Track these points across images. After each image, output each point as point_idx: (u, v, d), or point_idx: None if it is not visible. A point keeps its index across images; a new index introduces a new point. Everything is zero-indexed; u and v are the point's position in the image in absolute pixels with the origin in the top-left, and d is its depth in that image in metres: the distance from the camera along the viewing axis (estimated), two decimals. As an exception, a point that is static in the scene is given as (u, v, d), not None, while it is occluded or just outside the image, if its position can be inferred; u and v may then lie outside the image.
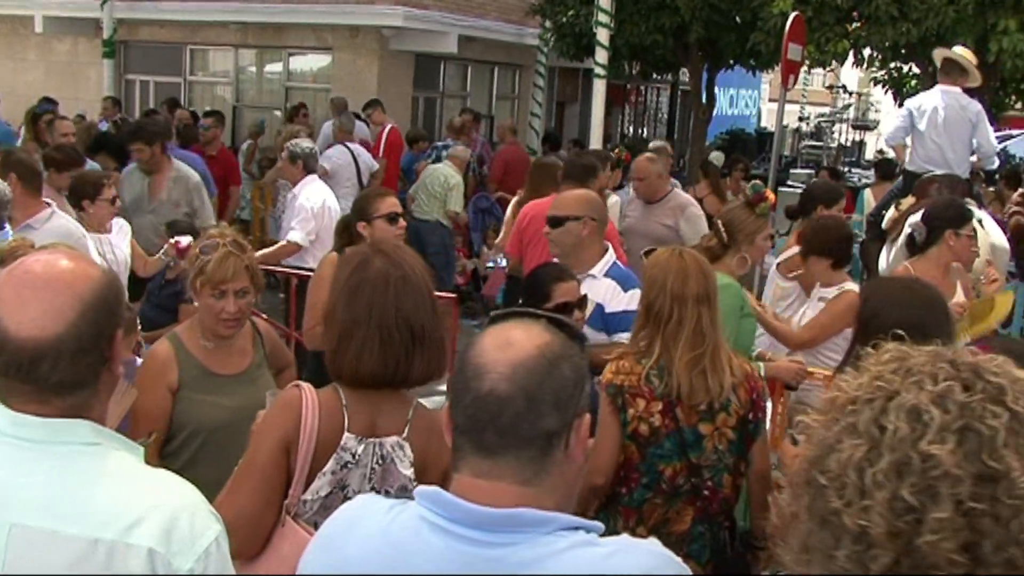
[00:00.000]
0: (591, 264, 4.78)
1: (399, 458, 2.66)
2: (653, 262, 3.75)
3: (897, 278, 3.58)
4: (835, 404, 1.46)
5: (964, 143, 8.43)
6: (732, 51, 16.26)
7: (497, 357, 1.67)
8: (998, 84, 14.06)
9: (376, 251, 2.82)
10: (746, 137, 22.77)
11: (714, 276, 3.78)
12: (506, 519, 1.62)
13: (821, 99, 34.48)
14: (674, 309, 3.57)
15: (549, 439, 1.65)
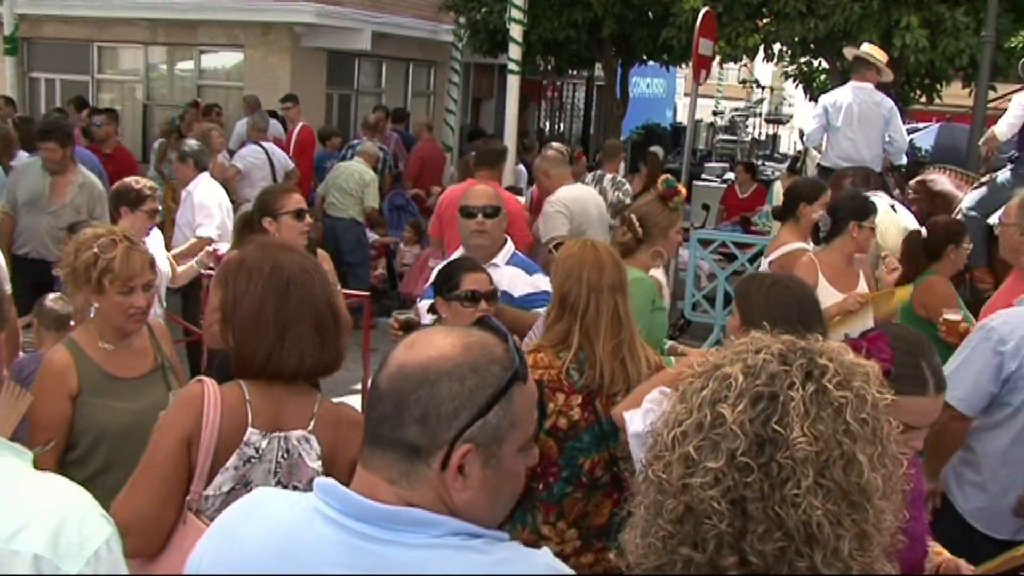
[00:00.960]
0: (495, 254, 4.82)
1: (305, 452, 2.63)
2: (566, 254, 3.76)
3: (768, 275, 3.65)
4: (682, 391, 1.59)
5: (878, 138, 8.58)
6: (645, 46, 16.40)
7: (399, 354, 1.66)
8: (903, 79, 14.36)
9: (275, 248, 2.81)
10: (661, 131, 22.98)
11: (625, 267, 3.82)
12: (394, 516, 1.60)
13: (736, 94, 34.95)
14: (591, 299, 3.59)
15: (414, 450, 1.60)
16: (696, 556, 1.49)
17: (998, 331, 3.96)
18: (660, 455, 1.53)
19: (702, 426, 1.49)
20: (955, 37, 12.38)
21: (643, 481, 1.59)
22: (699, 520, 1.47)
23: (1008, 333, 3.95)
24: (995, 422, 4.02)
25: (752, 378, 1.51)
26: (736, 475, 1.46)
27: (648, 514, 1.54)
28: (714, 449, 1.47)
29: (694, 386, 1.56)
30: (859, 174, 8.22)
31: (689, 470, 1.48)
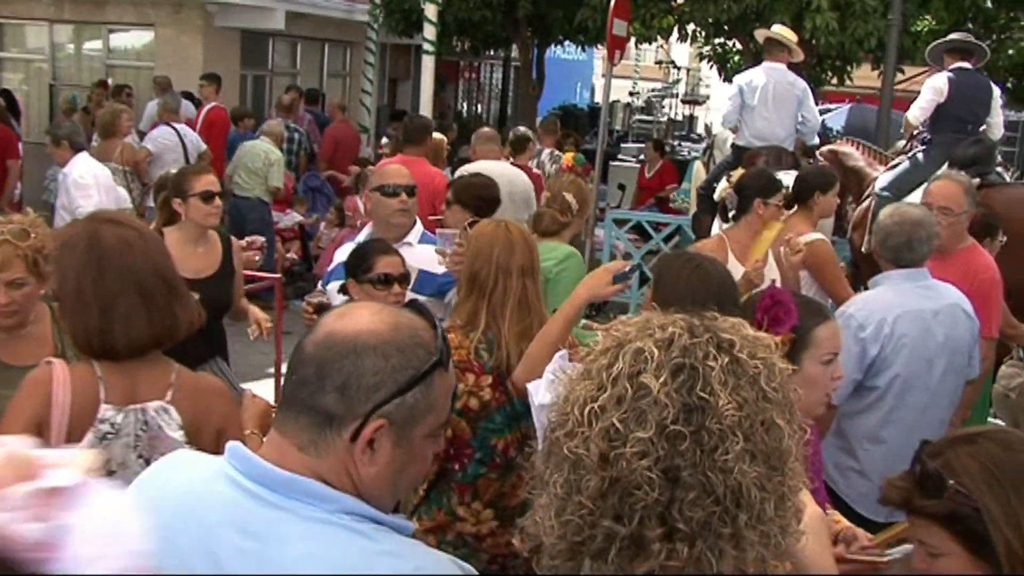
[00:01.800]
0: (407, 233, 4.78)
1: (165, 423, 2.61)
2: (478, 233, 3.77)
3: (684, 254, 3.70)
4: (583, 360, 1.61)
5: (792, 118, 8.72)
6: (560, 27, 16.42)
7: (328, 321, 1.69)
8: (815, 61, 14.58)
9: (100, 221, 2.77)
10: (578, 112, 23.06)
11: (537, 249, 3.83)
12: (291, 484, 1.61)
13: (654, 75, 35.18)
14: (499, 280, 3.59)
15: (328, 418, 1.62)
16: (620, 529, 1.49)
17: (856, 318, 4.06)
18: (574, 431, 1.52)
19: (623, 399, 1.50)
20: (864, 20, 12.61)
21: (551, 460, 1.58)
22: (625, 492, 1.48)
23: (866, 319, 4.05)
24: (864, 406, 4.13)
25: (667, 350, 1.52)
26: (666, 444, 1.47)
27: (563, 492, 1.53)
28: (641, 420, 1.48)
29: (600, 362, 1.56)
30: (772, 153, 8.33)
31: (614, 443, 1.48)
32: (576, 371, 1.62)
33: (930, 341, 4.10)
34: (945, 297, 4.23)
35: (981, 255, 5.21)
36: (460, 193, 5.44)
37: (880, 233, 4.24)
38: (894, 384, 4.09)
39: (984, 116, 8.32)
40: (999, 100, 8.48)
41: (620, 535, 1.49)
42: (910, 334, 4.06)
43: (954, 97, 8.17)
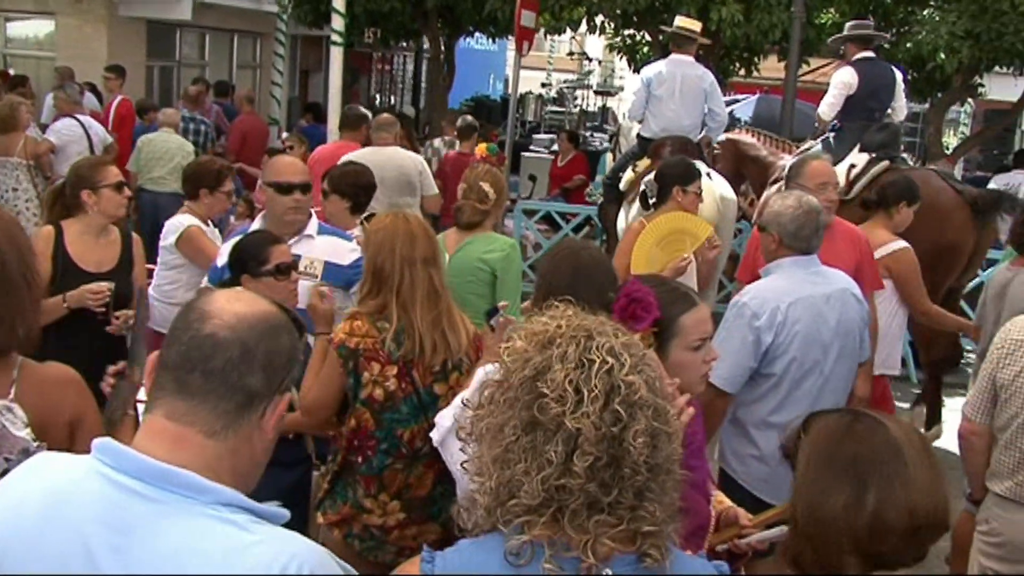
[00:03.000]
0: (304, 226, 4.77)
1: (10, 422, 2.52)
2: (377, 226, 3.77)
3: (569, 243, 3.77)
4: (539, 338, 1.81)
5: (698, 110, 8.80)
6: (470, 18, 16.37)
7: (225, 307, 1.72)
8: (722, 52, 14.75)
9: None
10: (491, 103, 23.05)
11: (436, 239, 3.85)
12: (165, 476, 1.62)
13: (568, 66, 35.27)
14: (405, 272, 3.59)
15: (250, 398, 1.69)
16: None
17: (750, 307, 4.13)
18: (567, 406, 1.72)
19: (618, 392, 1.73)
20: (768, 12, 12.77)
21: (514, 433, 1.76)
22: (621, 463, 1.72)
23: (759, 307, 4.12)
24: (760, 394, 4.20)
25: (629, 353, 1.78)
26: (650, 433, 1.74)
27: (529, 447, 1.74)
28: (633, 412, 1.73)
29: (572, 349, 1.77)
30: (677, 143, 8.46)
31: (612, 426, 1.71)
32: (535, 347, 1.81)
33: (823, 326, 4.19)
34: (835, 282, 4.32)
35: (847, 224, 5.44)
36: (335, 182, 5.51)
37: (790, 223, 4.27)
38: (789, 370, 4.15)
39: (889, 102, 8.61)
40: (901, 84, 8.75)
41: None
42: (803, 320, 4.14)
43: (863, 87, 8.43)
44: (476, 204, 5.02)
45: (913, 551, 1.96)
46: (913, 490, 1.90)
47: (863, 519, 1.91)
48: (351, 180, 5.56)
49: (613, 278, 3.18)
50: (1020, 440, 3.79)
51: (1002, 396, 3.84)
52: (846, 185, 8.28)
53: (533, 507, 1.72)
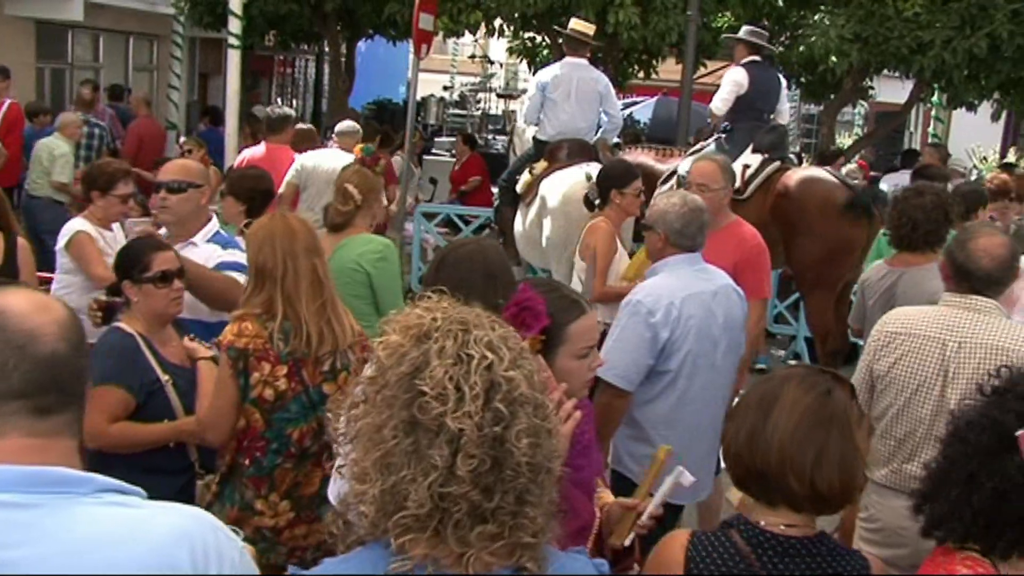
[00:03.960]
0: (195, 232, 4.72)
1: None
2: (256, 227, 3.79)
3: (468, 241, 3.80)
4: (415, 332, 1.73)
5: (594, 112, 8.88)
6: (370, 20, 16.29)
7: (44, 319, 1.66)
8: (621, 55, 14.91)
9: None
10: (394, 107, 22.96)
11: (317, 234, 3.86)
12: (36, 478, 1.60)
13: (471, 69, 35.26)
14: (287, 264, 3.59)
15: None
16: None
17: (645, 304, 4.19)
18: (449, 405, 1.65)
19: (499, 388, 1.67)
20: (664, 15, 12.95)
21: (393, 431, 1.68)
22: (504, 464, 1.66)
23: (654, 304, 4.19)
24: (658, 391, 4.27)
25: (508, 347, 1.72)
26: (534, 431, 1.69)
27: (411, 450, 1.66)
28: (514, 410, 1.67)
29: (450, 344, 1.69)
30: (573, 145, 8.54)
31: (494, 426, 1.65)
32: (410, 342, 1.73)
33: (712, 322, 4.28)
34: (718, 279, 4.43)
35: (746, 227, 5.51)
36: (233, 185, 5.53)
37: (676, 222, 4.36)
38: (684, 366, 4.23)
39: (775, 105, 8.86)
40: (785, 90, 9.03)
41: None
42: (696, 316, 4.22)
43: (752, 88, 8.67)
44: (339, 206, 5.03)
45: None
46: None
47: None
48: (249, 184, 5.55)
49: (512, 281, 3.22)
50: (895, 429, 3.92)
51: (878, 387, 3.96)
52: (741, 185, 8.51)
53: (421, 517, 1.65)
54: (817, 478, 2.23)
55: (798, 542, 2.28)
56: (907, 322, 3.94)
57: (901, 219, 5.26)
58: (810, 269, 7.91)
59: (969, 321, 3.81)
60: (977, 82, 13.52)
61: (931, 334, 3.84)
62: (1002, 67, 12.76)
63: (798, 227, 7.92)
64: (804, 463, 2.23)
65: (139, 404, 3.73)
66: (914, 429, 3.87)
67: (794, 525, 2.29)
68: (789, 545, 2.28)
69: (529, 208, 8.52)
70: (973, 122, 17.67)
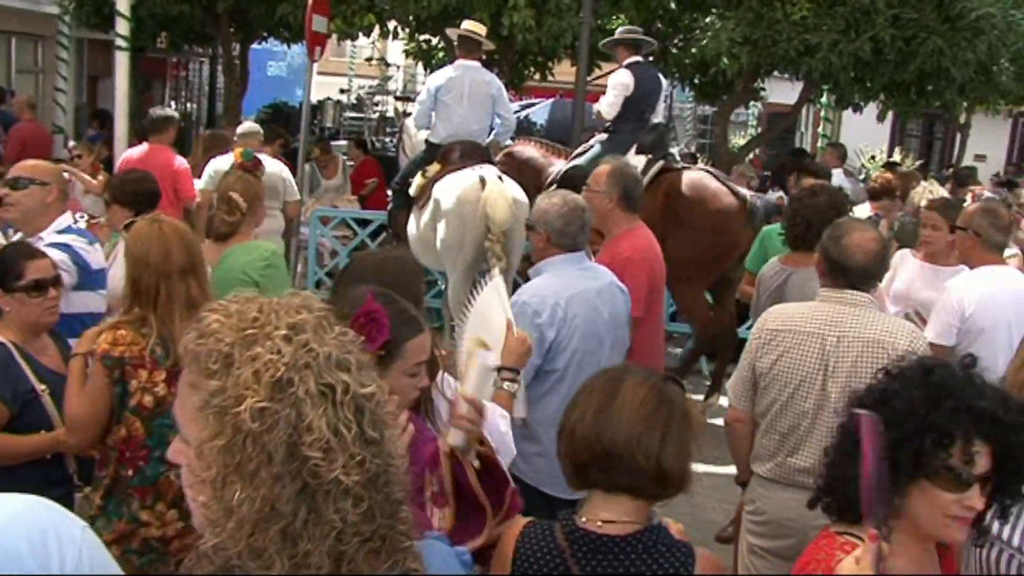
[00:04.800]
0: (44, 228, 4.70)
1: None
2: (134, 236, 3.72)
3: (376, 253, 3.81)
4: (270, 380, 1.49)
5: (487, 114, 8.89)
6: (262, 22, 16.08)
7: None
8: (516, 57, 14.95)
9: None
10: (290, 110, 22.70)
11: (197, 244, 3.79)
12: None
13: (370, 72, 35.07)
14: (161, 285, 3.54)
15: None
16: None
17: (531, 305, 4.23)
18: (332, 460, 1.51)
19: (366, 408, 1.56)
20: (559, 17, 13.01)
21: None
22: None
23: (540, 304, 4.24)
24: (545, 390, 4.30)
25: (316, 372, 1.53)
26: (365, 448, 1.54)
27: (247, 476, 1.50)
28: (383, 425, 1.57)
29: (311, 383, 1.52)
30: (466, 147, 8.54)
31: (370, 448, 1.54)
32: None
33: (598, 319, 4.33)
34: (603, 277, 4.48)
35: (625, 242, 5.30)
36: (116, 192, 5.43)
37: (557, 221, 4.40)
38: (571, 364, 4.28)
39: (655, 105, 9.05)
40: (665, 90, 9.24)
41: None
42: (581, 314, 4.27)
43: (638, 89, 8.82)
44: (224, 216, 4.96)
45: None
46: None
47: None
48: (130, 189, 5.44)
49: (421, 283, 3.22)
50: (779, 424, 4.00)
51: (761, 383, 4.04)
52: None
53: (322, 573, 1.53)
54: (663, 457, 2.31)
55: (611, 540, 2.33)
56: (787, 319, 4.03)
57: (795, 219, 5.38)
58: (689, 265, 8.04)
59: (846, 315, 3.91)
60: (863, 84, 13.89)
61: (810, 330, 3.93)
62: (885, 70, 13.12)
63: (683, 225, 8.08)
64: (651, 442, 2.31)
65: (14, 415, 3.64)
66: (798, 423, 3.96)
67: (614, 521, 2.34)
68: (602, 543, 2.33)
69: (423, 211, 8.50)
70: (862, 123, 18.13)
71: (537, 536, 2.42)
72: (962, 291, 5.03)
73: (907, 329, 3.97)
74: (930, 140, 32.21)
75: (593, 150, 8.99)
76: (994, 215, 5.26)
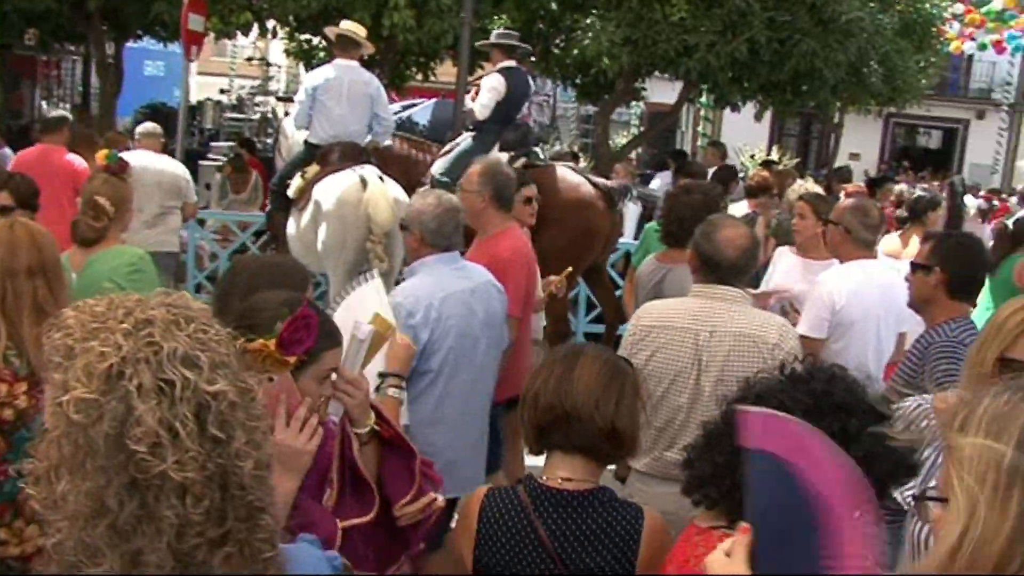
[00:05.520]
0: None
1: None
2: None
3: (259, 257, 3.75)
4: (102, 372, 1.47)
5: (366, 115, 8.81)
6: (137, 21, 15.67)
7: None
8: (398, 57, 14.88)
9: None
10: (168, 111, 22.22)
11: (51, 247, 3.66)
12: None
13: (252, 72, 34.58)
14: (7, 284, 3.42)
15: None
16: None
17: (404, 306, 4.21)
18: (166, 456, 1.47)
19: (210, 410, 1.51)
20: (439, 18, 13.01)
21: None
22: (238, 492, 1.53)
23: (413, 305, 4.22)
24: (420, 391, 4.29)
25: (205, 349, 1.53)
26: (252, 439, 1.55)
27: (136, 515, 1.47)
28: (231, 427, 1.52)
29: (147, 377, 1.48)
30: (346, 148, 8.46)
31: (214, 455, 1.50)
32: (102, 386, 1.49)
33: (473, 319, 4.33)
34: (477, 276, 4.48)
35: (504, 242, 5.29)
36: None
37: (432, 221, 4.37)
38: (446, 365, 4.28)
39: (522, 107, 9.35)
40: (547, 92, 9.35)
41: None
42: (455, 315, 4.27)
43: (510, 93, 8.91)
44: (90, 221, 4.83)
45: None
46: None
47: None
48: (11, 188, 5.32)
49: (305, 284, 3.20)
50: (655, 419, 4.02)
51: None
52: None
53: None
54: (617, 419, 2.64)
55: (571, 495, 2.62)
56: (661, 315, 4.07)
57: (670, 216, 5.46)
58: (560, 257, 8.10)
59: (718, 310, 3.96)
60: (740, 84, 14.21)
61: (684, 325, 3.97)
62: (761, 70, 13.44)
63: (549, 218, 8.16)
64: (608, 405, 2.64)
65: None
66: (673, 417, 4.00)
67: (572, 479, 2.64)
68: (562, 498, 2.62)
69: (303, 213, 8.38)
70: (741, 122, 18.55)
71: (501, 497, 2.71)
72: (832, 285, 5.15)
73: (777, 323, 4.05)
74: (807, 139, 33.17)
75: (456, 152, 9.07)
76: (864, 213, 5.40)
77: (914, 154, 33.92)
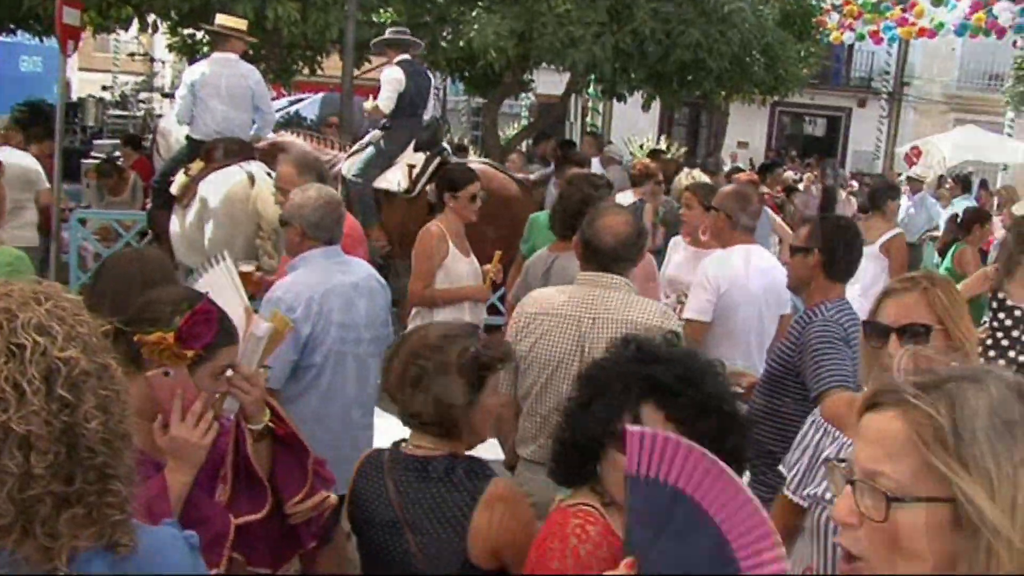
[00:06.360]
0: None
1: None
2: None
3: (129, 252, 3.69)
4: None
5: (247, 109, 8.68)
6: (9, 14, 15.14)
7: None
8: (284, 51, 14.68)
9: None
10: (49, 108, 21.57)
11: None
12: None
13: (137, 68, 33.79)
14: None
15: None
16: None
17: (285, 300, 4.17)
18: (9, 409, 1.57)
19: (59, 373, 1.62)
20: (324, 11, 12.88)
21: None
22: (81, 451, 1.63)
23: (294, 300, 4.19)
24: (304, 386, 4.26)
25: (59, 320, 1.66)
26: (55, 406, 1.61)
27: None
28: (81, 391, 1.63)
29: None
30: (230, 144, 8.34)
31: (60, 415, 1.61)
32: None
33: (355, 313, 4.31)
34: (359, 270, 4.47)
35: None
36: None
37: (312, 215, 4.34)
38: (329, 359, 4.25)
39: (428, 101, 9.18)
40: (434, 87, 9.43)
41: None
42: (337, 308, 4.25)
43: (410, 86, 8.98)
44: None
45: None
46: None
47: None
48: None
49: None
50: (539, 407, 4.06)
51: (522, 367, 4.09)
52: (410, 184, 8.80)
53: (5, 526, 1.59)
54: (410, 406, 2.82)
55: (416, 460, 2.82)
56: (544, 303, 4.10)
57: (556, 206, 5.54)
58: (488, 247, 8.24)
59: (601, 298, 4.00)
60: (627, 74, 14.35)
61: (567, 312, 4.01)
62: (647, 61, 13.60)
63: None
64: (404, 390, 2.83)
65: None
66: (557, 405, 4.00)
67: (423, 447, 2.85)
68: (410, 462, 2.83)
69: (187, 210, 8.23)
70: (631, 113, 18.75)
71: (372, 458, 2.95)
72: (715, 269, 5.25)
73: (659, 309, 4.10)
74: (696, 129, 33.67)
75: (371, 149, 9.06)
76: (744, 199, 5.52)
77: (800, 142, 34.68)
